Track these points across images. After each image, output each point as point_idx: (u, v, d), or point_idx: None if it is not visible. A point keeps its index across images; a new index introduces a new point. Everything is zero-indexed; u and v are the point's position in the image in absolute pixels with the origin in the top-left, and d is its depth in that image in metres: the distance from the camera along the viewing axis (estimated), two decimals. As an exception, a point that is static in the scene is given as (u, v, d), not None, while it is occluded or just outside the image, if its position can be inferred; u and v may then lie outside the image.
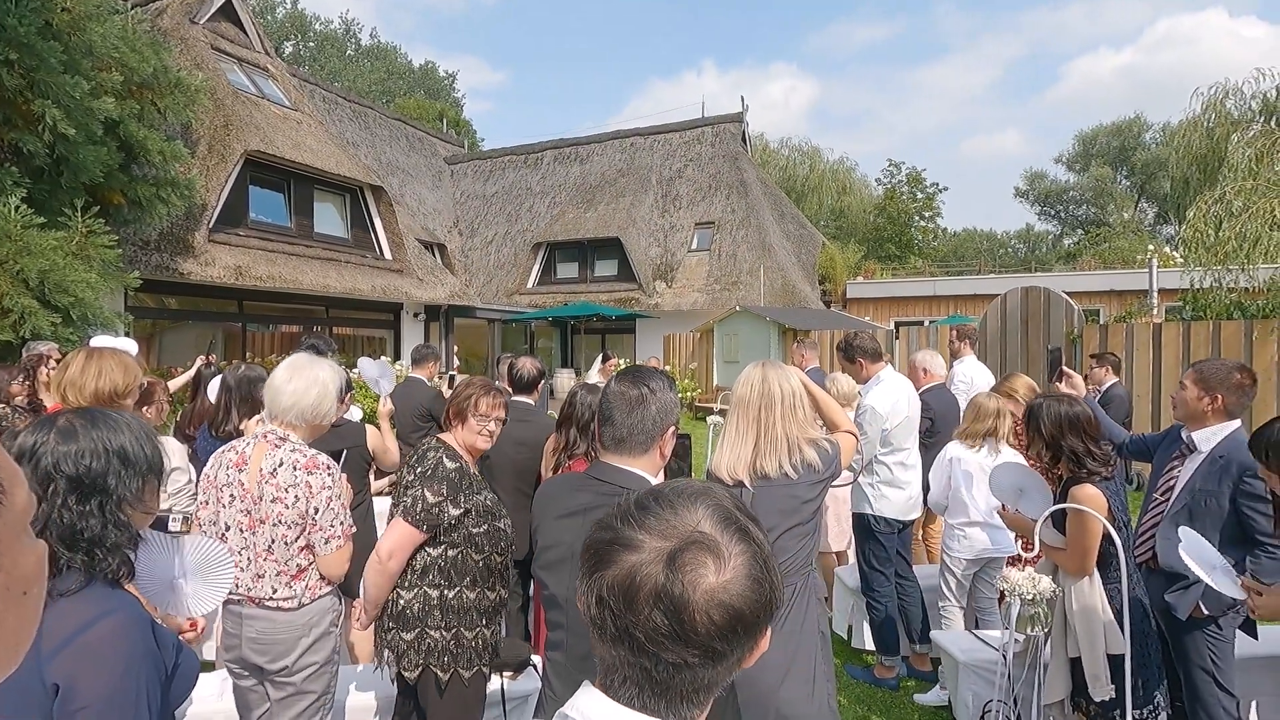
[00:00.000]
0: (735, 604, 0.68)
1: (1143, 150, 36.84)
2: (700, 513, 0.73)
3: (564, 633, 1.57)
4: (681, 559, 0.69)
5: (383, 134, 22.35)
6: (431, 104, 35.23)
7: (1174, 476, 2.68)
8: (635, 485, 1.54)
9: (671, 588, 0.68)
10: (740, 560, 0.70)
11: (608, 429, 1.58)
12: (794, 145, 34.54)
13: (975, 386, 5.64)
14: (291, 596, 2.13)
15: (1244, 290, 8.64)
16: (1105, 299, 18.44)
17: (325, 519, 2.11)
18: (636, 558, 0.70)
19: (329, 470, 2.12)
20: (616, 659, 0.71)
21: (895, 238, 32.72)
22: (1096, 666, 2.47)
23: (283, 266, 11.94)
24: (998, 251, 42.65)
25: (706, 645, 0.68)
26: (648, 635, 0.68)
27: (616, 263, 19.19)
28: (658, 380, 1.61)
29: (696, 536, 0.70)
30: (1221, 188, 8.77)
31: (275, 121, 13.03)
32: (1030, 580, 2.50)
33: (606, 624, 0.70)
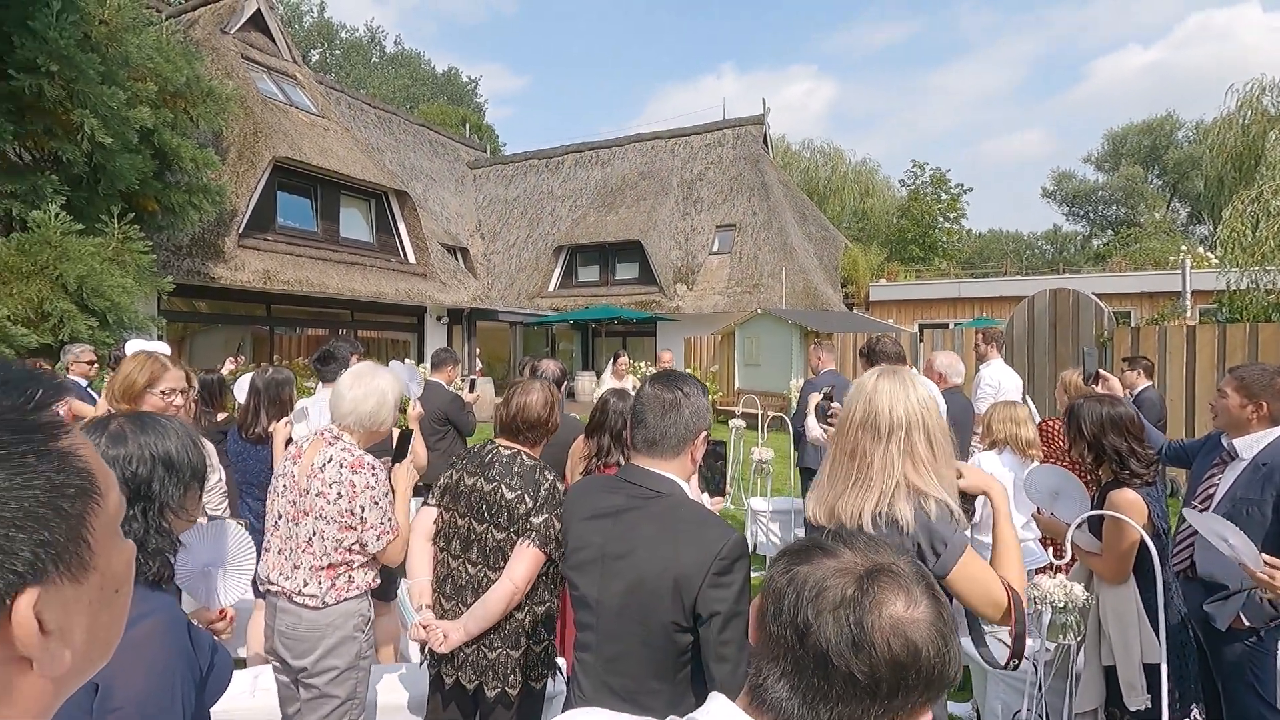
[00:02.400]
0: (917, 641, 0.69)
1: (1175, 149, 36.04)
2: (901, 559, 0.76)
3: (593, 634, 1.57)
4: (876, 580, 0.71)
5: (407, 139, 22.64)
6: (454, 109, 35.60)
7: (1214, 484, 2.61)
8: (666, 488, 1.54)
9: (862, 599, 0.70)
10: (928, 611, 0.71)
11: (640, 431, 1.59)
12: (815, 147, 34.34)
13: (1002, 390, 5.55)
14: (317, 595, 2.18)
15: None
16: (1136, 301, 18.05)
17: (373, 517, 2.19)
18: (834, 563, 0.73)
19: (373, 471, 2.19)
20: (783, 649, 0.71)
21: (919, 239, 32.33)
22: (1132, 675, 2.41)
23: (309, 271, 12.15)
24: (1024, 253, 41.99)
25: (876, 667, 0.68)
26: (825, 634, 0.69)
27: (637, 266, 19.22)
28: (691, 385, 1.61)
29: (894, 568, 0.73)
30: (1259, 186, 8.55)
31: (303, 128, 13.26)
32: (1062, 588, 2.45)
33: (785, 608, 0.72)
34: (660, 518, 1.49)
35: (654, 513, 1.51)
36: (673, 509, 1.51)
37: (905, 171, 40.27)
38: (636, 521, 1.52)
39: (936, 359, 4.70)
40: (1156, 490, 2.60)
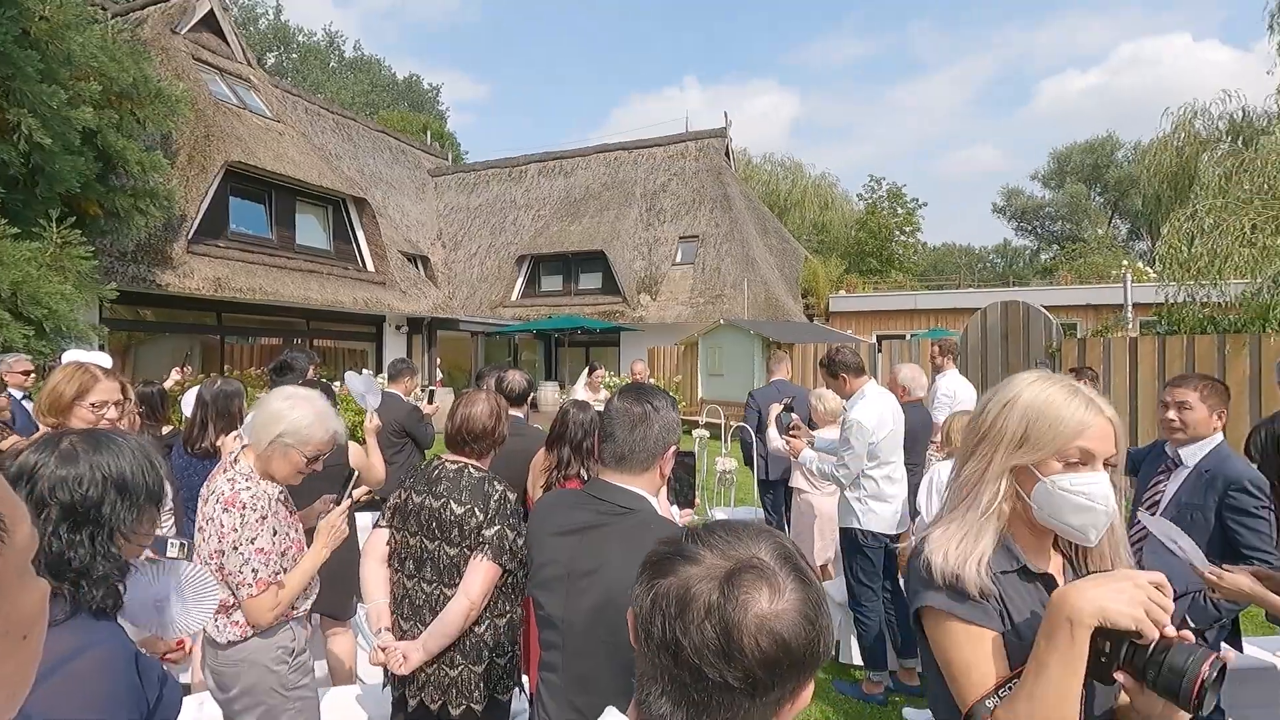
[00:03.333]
0: (784, 635, 0.69)
1: (1115, 168, 37.73)
2: (762, 545, 0.74)
3: (559, 653, 1.53)
4: (739, 579, 0.70)
5: (366, 146, 22.27)
6: (415, 116, 35.20)
7: (1160, 490, 2.71)
8: (634, 504, 1.52)
9: (725, 604, 0.69)
10: (794, 597, 0.71)
11: (608, 445, 1.56)
12: (776, 160, 34.95)
13: (958, 400, 5.69)
14: (219, 634, 2.06)
15: (1216, 305, 8.83)
16: (1081, 313, 18.76)
17: (232, 563, 1.98)
18: (695, 570, 0.72)
19: (243, 511, 1.99)
20: (658, 669, 0.72)
21: (876, 252, 33.10)
22: None
23: (263, 278, 11.80)
24: (976, 266, 43.31)
25: (749, 671, 0.68)
26: (694, 647, 0.69)
27: (601, 275, 19.21)
28: (661, 399, 1.59)
29: (755, 562, 0.72)
30: (1193, 205, 8.99)
31: (257, 132, 12.93)
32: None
33: (654, 630, 0.71)
34: (629, 535, 1.47)
35: (622, 530, 1.48)
36: (642, 526, 1.48)
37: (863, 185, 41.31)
38: (604, 539, 1.49)
39: (901, 372, 4.78)
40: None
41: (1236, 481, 2.42)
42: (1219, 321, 8.42)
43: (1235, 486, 2.43)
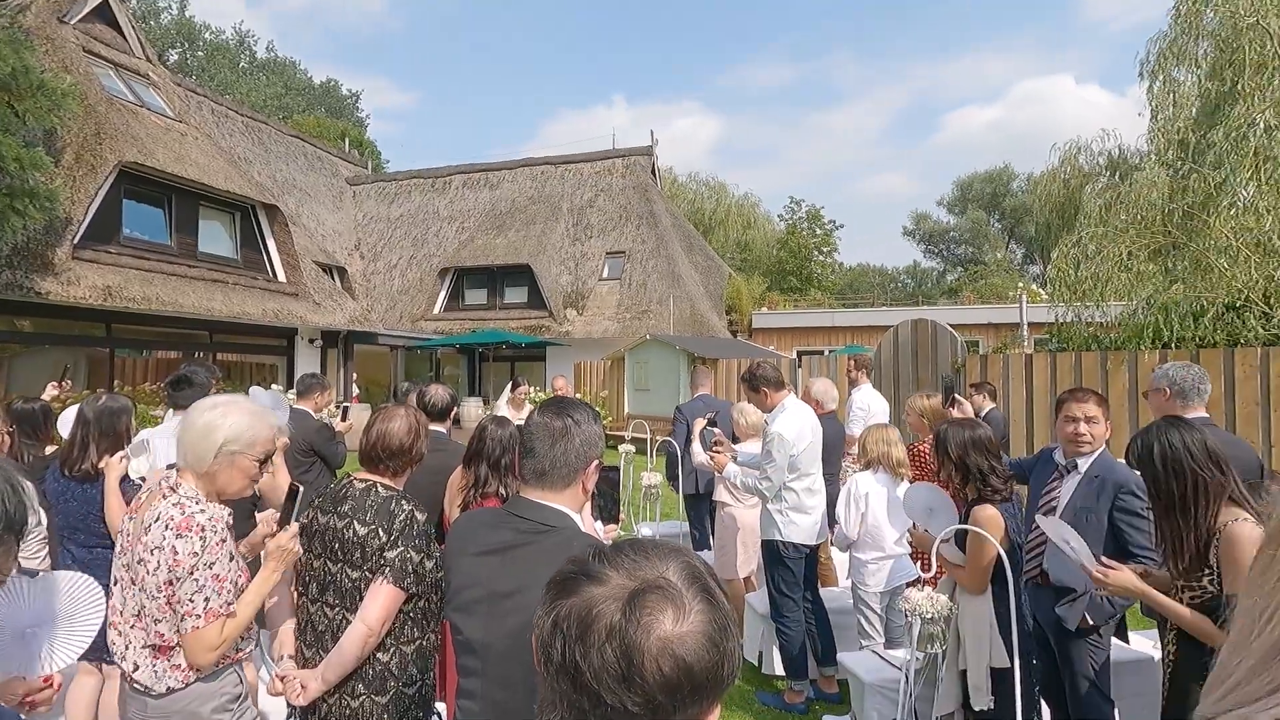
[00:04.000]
0: (687, 659, 0.66)
1: (1011, 197, 40.67)
2: (670, 565, 0.72)
3: (479, 680, 1.46)
4: (642, 600, 0.68)
5: (279, 150, 21.29)
6: (333, 123, 33.94)
7: (1055, 495, 2.89)
8: (557, 521, 1.48)
9: (627, 626, 0.66)
10: (700, 618, 0.69)
11: (529, 461, 1.52)
12: (701, 180, 35.75)
13: (872, 412, 5.94)
14: (150, 682, 1.85)
15: (1099, 325, 9.61)
16: (983, 331, 20.01)
17: (185, 590, 1.80)
18: (599, 590, 0.70)
19: (202, 534, 1.83)
20: (557, 694, 0.69)
21: (797, 271, 34.28)
22: (979, 677, 2.60)
23: (160, 287, 11.01)
24: (889, 285, 45.57)
25: (650, 696, 0.65)
26: (594, 671, 0.66)
27: (527, 290, 19.01)
28: (582, 412, 1.56)
29: (661, 583, 0.70)
30: (1079, 233, 9.78)
31: (156, 132, 12.12)
32: (929, 599, 2.61)
33: (554, 653, 0.69)
34: (551, 553, 1.42)
35: (545, 548, 1.44)
36: (564, 544, 1.44)
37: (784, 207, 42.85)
38: (526, 558, 1.44)
39: (814, 386, 4.94)
40: (1012, 506, 2.84)
41: (1125, 485, 2.62)
42: (1102, 339, 9.15)
43: (1124, 490, 2.63)
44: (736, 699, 3.97)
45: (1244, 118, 7.55)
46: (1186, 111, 10.58)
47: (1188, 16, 9.96)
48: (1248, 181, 7.19)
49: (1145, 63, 10.70)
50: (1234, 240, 7.30)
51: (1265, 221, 6.91)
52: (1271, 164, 6.96)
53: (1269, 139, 7.04)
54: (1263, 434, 6.91)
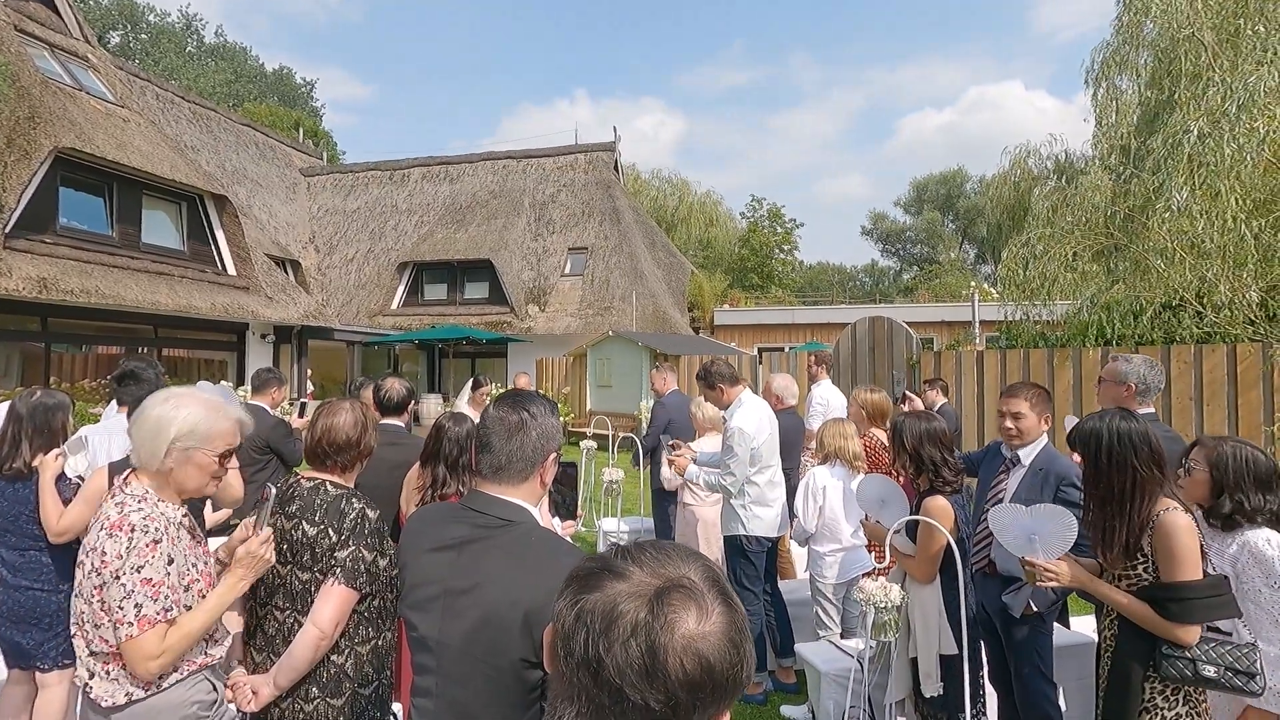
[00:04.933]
0: (710, 658, 0.68)
1: (964, 198, 41.79)
2: (692, 566, 0.73)
3: (434, 677, 1.44)
4: (667, 598, 0.69)
5: (228, 139, 20.58)
6: (287, 112, 32.96)
7: (1002, 488, 2.99)
8: (515, 516, 1.46)
9: (652, 623, 0.67)
10: (721, 620, 0.70)
11: (485, 456, 1.49)
12: (664, 177, 35.76)
13: (831, 407, 6.04)
14: (115, 690, 1.74)
15: (1046, 323, 9.95)
16: (937, 328, 20.53)
17: (113, 596, 1.68)
18: (623, 586, 0.70)
19: (130, 534, 1.71)
20: (576, 689, 0.69)
21: (758, 268, 34.64)
22: (930, 665, 2.68)
23: (100, 280, 10.55)
24: (848, 284, 46.41)
25: (672, 693, 0.66)
26: (617, 666, 0.66)
27: (488, 285, 18.79)
28: (539, 405, 1.54)
29: (685, 582, 0.71)
30: (1027, 233, 10.09)
31: (95, 117, 11.60)
32: (883, 589, 2.67)
33: (576, 646, 0.69)
34: (509, 548, 1.41)
35: (502, 543, 1.42)
36: (522, 538, 1.43)
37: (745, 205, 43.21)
38: (483, 553, 1.42)
39: (774, 382, 5.02)
40: (962, 497, 2.92)
41: (1066, 477, 2.73)
42: (1049, 337, 9.48)
43: (1065, 482, 2.73)
44: (696, 692, 3.99)
45: (1180, 125, 7.89)
46: (1128, 118, 11.02)
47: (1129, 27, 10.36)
48: (1182, 186, 7.51)
49: (1090, 70, 11.11)
50: (1170, 243, 7.63)
51: (1198, 224, 7.23)
52: (1205, 170, 7.28)
53: (1202, 145, 7.37)
54: (1195, 427, 7.25)
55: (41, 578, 2.81)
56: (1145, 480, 2.09)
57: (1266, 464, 2.33)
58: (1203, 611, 2.01)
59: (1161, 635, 2.04)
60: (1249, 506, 2.28)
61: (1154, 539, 2.06)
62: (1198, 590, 2.00)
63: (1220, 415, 7.20)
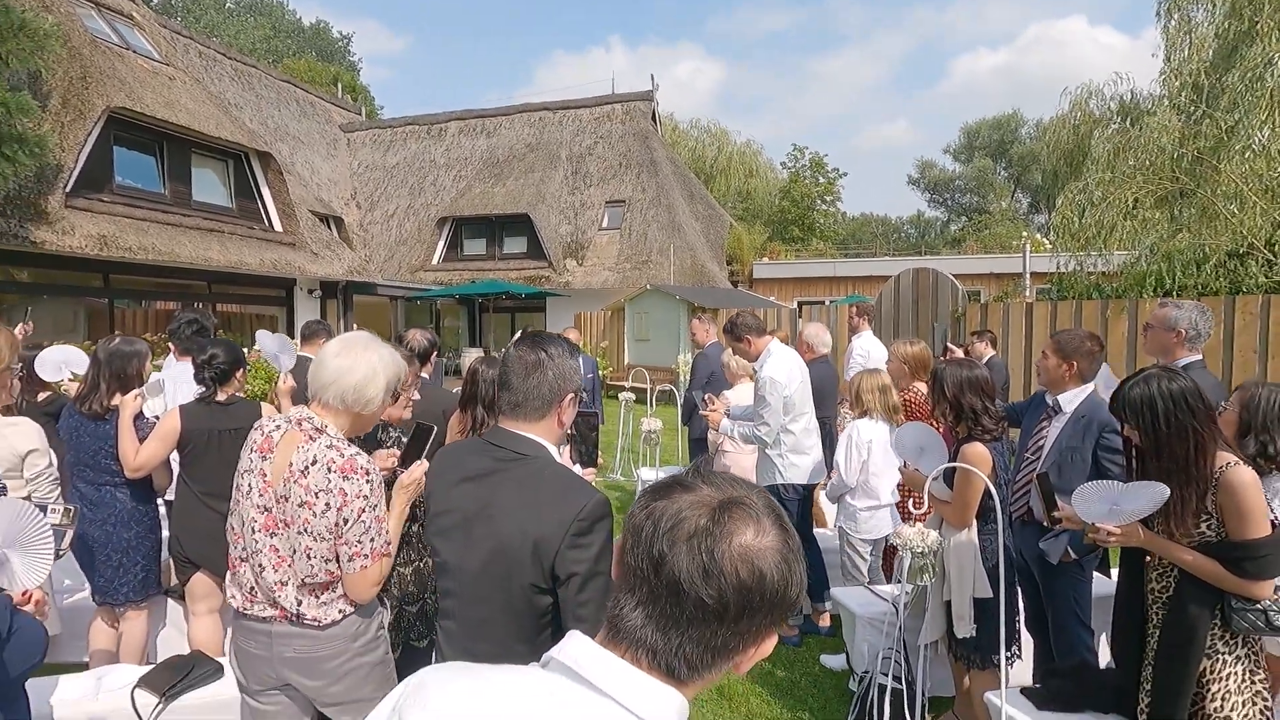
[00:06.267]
0: (763, 567, 0.73)
1: (1019, 144, 39.80)
2: (754, 492, 0.80)
3: (455, 600, 1.54)
4: (729, 511, 0.75)
5: (270, 96, 20.77)
6: (325, 67, 33.02)
7: (1043, 436, 2.95)
8: (532, 451, 1.53)
9: (714, 528, 0.74)
10: (776, 539, 0.75)
11: (505, 394, 1.57)
12: (703, 127, 34.91)
13: (872, 358, 5.98)
14: (317, 617, 1.85)
15: (1101, 274, 9.56)
16: (985, 281, 19.89)
17: (354, 533, 1.79)
18: (691, 497, 0.77)
19: (367, 476, 1.82)
20: (639, 579, 0.75)
21: (799, 220, 33.86)
22: (963, 607, 2.70)
23: (156, 237, 10.92)
24: (892, 236, 45.05)
25: (724, 593, 0.72)
26: (679, 563, 0.73)
27: (526, 240, 18.83)
28: (556, 346, 1.59)
29: (746, 501, 0.77)
30: (1085, 179, 9.62)
31: (143, 76, 11.83)
32: (920, 534, 2.69)
33: (643, 541, 0.75)
34: (523, 480, 1.49)
35: (517, 475, 1.50)
36: (537, 472, 1.50)
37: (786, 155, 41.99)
38: (499, 484, 1.50)
39: (806, 330, 5.00)
40: (1001, 446, 2.90)
41: (1109, 424, 2.66)
42: (1103, 288, 9.12)
43: (1109, 429, 2.67)
44: (732, 633, 4.11)
45: (1261, 56, 7.34)
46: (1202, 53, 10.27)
47: (1209, -51, 9.59)
48: (1262, 124, 7.04)
49: (1161, 1, 10.34)
50: (1243, 186, 7.19)
51: (1276, 165, 6.78)
52: (1286, 106, 6.80)
53: (1285, 79, 6.86)
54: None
55: (114, 514, 3.02)
56: (1205, 440, 2.02)
57: None
58: (1278, 565, 1.97)
59: (1234, 591, 1.99)
60: (1274, 449, 2.23)
61: (1219, 496, 2.00)
62: (1271, 545, 1.95)
63: (1286, 368, 6.87)
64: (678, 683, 0.74)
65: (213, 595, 2.99)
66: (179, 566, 3.01)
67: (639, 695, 0.72)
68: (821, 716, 3.29)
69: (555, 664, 0.75)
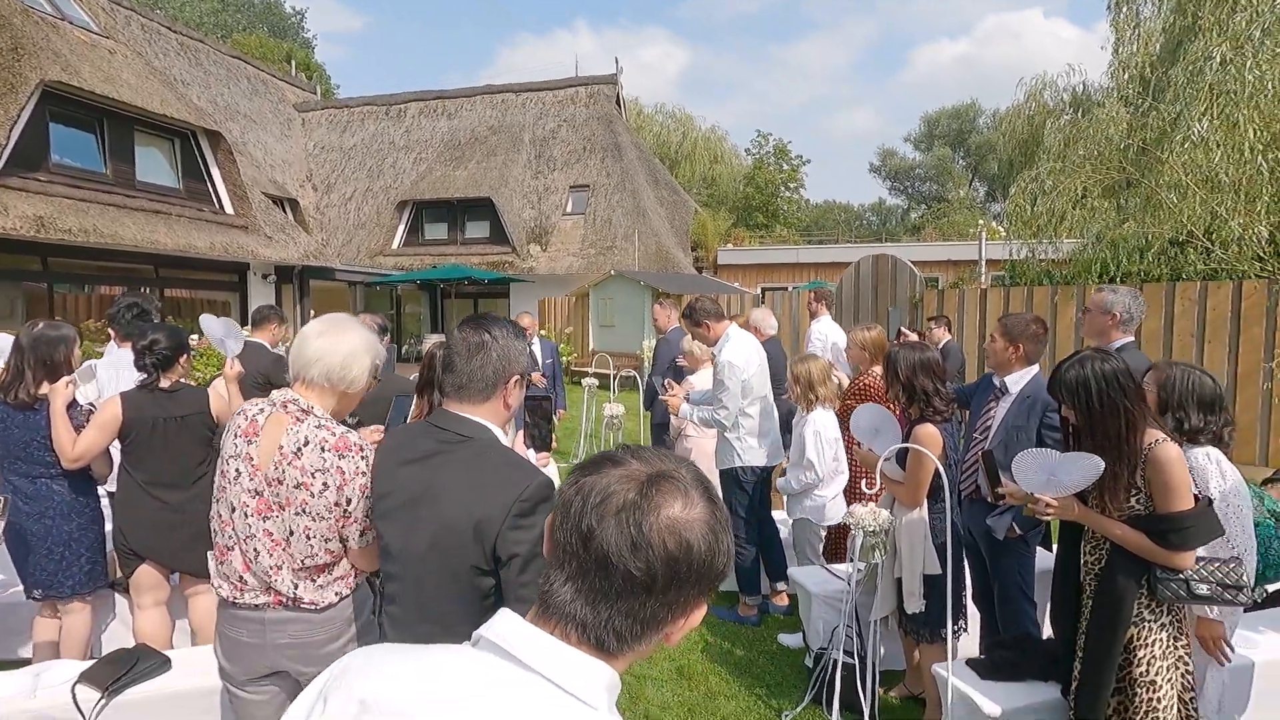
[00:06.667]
0: (689, 539, 0.74)
1: (976, 134, 40.62)
2: (683, 467, 0.80)
3: (399, 584, 1.54)
4: (657, 484, 0.76)
5: (219, 73, 20.00)
6: (277, 44, 31.89)
7: (991, 416, 3.05)
8: (474, 433, 1.53)
9: (641, 502, 0.74)
10: (703, 511, 0.76)
11: (449, 376, 1.57)
12: (668, 112, 34.76)
13: (830, 341, 6.07)
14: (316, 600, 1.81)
15: (1052, 261, 9.84)
16: (943, 268, 20.34)
17: (361, 509, 1.78)
18: (620, 471, 0.77)
19: (362, 453, 1.80)
20: (568, 555, 0.75)
21: (763, 207, 34.08)
22: (914, 584, 2.79)
23: (97, 218, 10.46)
24: (854, 223, 45.68)
25: (652, 564, 0.73)
26: (607, 536, 0.73)
27: (488, 224, 18.57)
28: (501, 327, 1.59)
29: (674, 474, 0.78)
30: (1036, 168, 9.86)
31: (80, 49, 11.26)
32: (872, 514, 2.75)
33: (572, 516, 0.75)
34: (467, 462, 1.49)
35: (461, 457, 1.50)
36: (480, 453, 1.50)
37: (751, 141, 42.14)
38: (442, 466, 1.50)
39: (752, 314, 5.15)
40: (951, 426, 2.98)
41: (1051, 404, 2.76)
42: (1053, 275, 9.40)
43: (1051, 408, 2.77)
44: (692, 614, 4.16)
45: (1201, 51, 7.60)
46: (1150, 47, 10.59)
47: (1156, -55, 9.86)
48: (1201, 116, 7.29)
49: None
50: (1184, 176, 7.46)
51: (1214, 157, 7.06)
52: (1225, 99, 7.05)
53: (1224, 73, 7.11)
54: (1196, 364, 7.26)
55: (53, 506, 2.89)
56: (1136, 417, 2.11)
57: (1212, 388, 2.46)
58: (1199, 536, 2.06)
59: (1159, 562, 2.08)
60: (1189, 425, 2.37)
61: (1147, 471, 2.09)
62: (1193, 518, 2.05)
63: (1221, 353, 7.19)
64: (608, 656, 0.74)
65: (159, 587, 2.90)
66: (123, 559, 2.91)
67: (567, 670, 0.72)
68: (779, 693, 3.36)
69: (485, 642, 0.75)
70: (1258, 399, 6.88)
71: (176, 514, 2.81)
